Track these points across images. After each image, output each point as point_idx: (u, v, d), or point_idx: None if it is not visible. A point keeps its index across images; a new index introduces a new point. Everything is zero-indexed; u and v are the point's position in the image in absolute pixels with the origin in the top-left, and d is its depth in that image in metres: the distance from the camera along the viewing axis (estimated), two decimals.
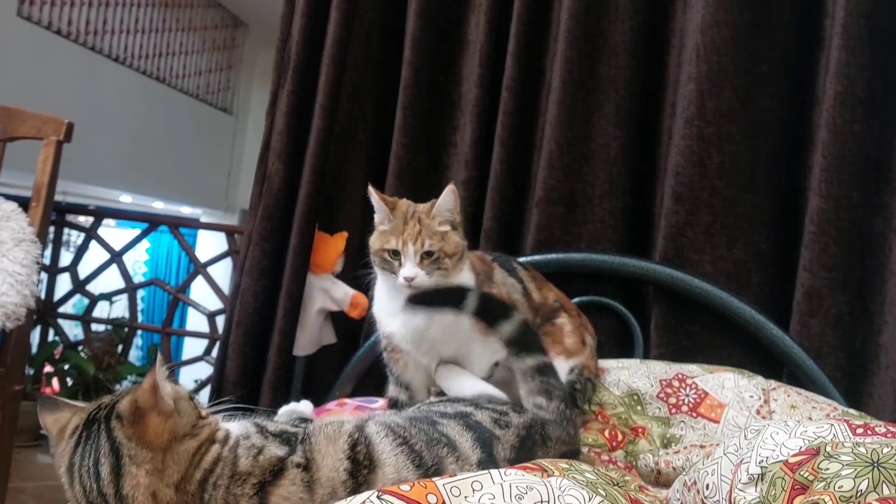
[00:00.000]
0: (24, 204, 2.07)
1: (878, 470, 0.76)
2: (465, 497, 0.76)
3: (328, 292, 2.39)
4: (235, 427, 0.99)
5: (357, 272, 1.66)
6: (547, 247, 2.18)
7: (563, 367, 1.52)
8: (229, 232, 3.64)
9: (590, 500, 0.79)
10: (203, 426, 0.95)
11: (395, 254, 1.39)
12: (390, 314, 1.48)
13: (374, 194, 1.44)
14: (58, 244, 3.83)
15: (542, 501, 0.76)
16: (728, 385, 1.63)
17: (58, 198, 3.91)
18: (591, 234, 2.20)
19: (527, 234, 2.25)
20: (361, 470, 0.91)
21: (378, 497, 0.73)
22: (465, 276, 1.46)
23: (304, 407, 1.32)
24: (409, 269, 1.36)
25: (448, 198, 1.41)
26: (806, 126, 2.05)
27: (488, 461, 0.96)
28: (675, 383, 1.68)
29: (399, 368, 1.53)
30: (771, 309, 2.01)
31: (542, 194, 2.19)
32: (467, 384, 1.37)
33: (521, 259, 2.12)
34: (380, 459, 0.93)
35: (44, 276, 3.62)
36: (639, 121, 2.22)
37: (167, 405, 0.91)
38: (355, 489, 0.86)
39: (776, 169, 2.08)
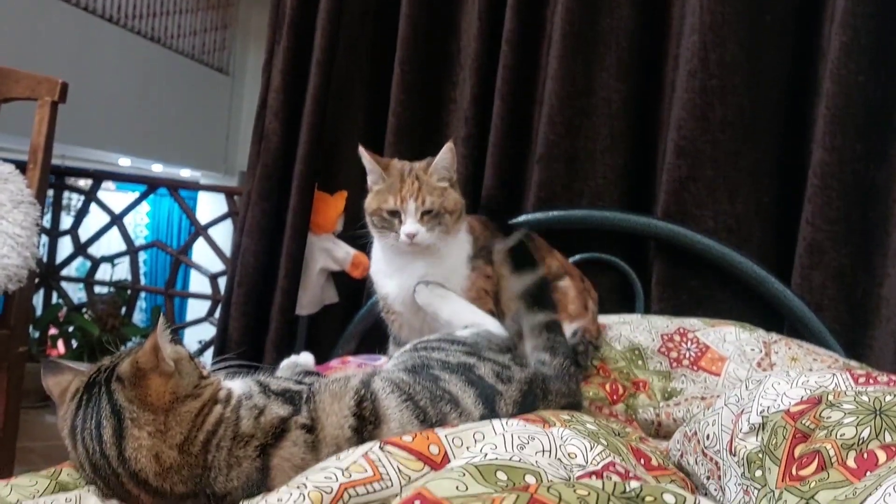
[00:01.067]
0: (21, 167, 2.05)
1: (881, 418, 0.77)
2: (468, 447, 0.76)
3: (329, 252, 2.39)
4: (238, 386, 0.99)
5: (355, 232, 1.66)
6: (548, 204, 2.17)
7: (566, 330, 1.52)
8: (229, 193, 3.64)
9: (591, 449, 0.80)
10: (205, 386, 0.95)
11: (394, 213, 1.38)
12: (387, 276, 1.48)
13: (365, 155, 1.43)
14: (58, 207, 3.83)
15: (543, 451, 0.77)
16: (729, 338, 1.63)
17: (56, 161, 3.90)
18: (592, 190, 2.19)
19: (528, 191, 2.24)
20: (367, 426, 0.91)
21: (381, 448, 0.73)
22: (462, 239, 1.46)
23: (305, 359, 1.32)
24: (411, 225, 1.36)
25: (446, 155, 1.40)
26: (810, 78, 2.03)
27: (490, 416, 0.97)
28: (677, 338, 1.69)
29: (395, 329, 1.54)
30: (772, 263, 2.01)
31: (544, 151, 2.17)
32: (463, 313, 1.37)
33: (522, 218, 2.13)
34: (385, 415, 0.93)
35: (45, 239, 3.62)
36: (641, 74, 2.19)
37: (168, 366, 0.91)
38: (360, 444, 0.87)
39: (780, 122, 2.06)
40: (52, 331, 3.71)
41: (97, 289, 3.76)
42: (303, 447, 0.89)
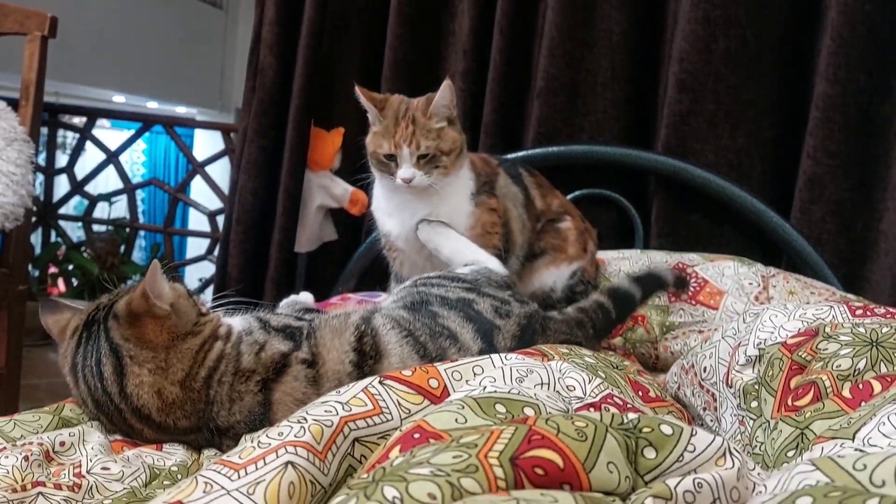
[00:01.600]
0: (14, 104, 2.03)
1: (877, 349, 0.77)
2: (467, 381, 0.77)
3: (327, 189, 2.38)
4: (238, 322, 1.00)
5: (356, 173, 1.64)
6: (548, 139, 2.15)
7: (565, 271, 1.55)
8: (225, 130, 3.60)
9: (589, 382, 0.80)
10: (205, 323, 0.96)
11: (391, 157, 1.37)
12: (387, 214, 1.48)
13: (360, 95, 1.40)
14: (52, 145, 3.79)
15: (542, 384, 0.77)
16: (728, 273, 1.63)
17: (50, 99, 3.85)
18: (592, 125, 2.17)
19: (528, 126, 2.22)
20: (367, 360, 0.92)
21: (381, 382, 0.74)
22: (464, 176, 1.45)
23: (305, 297, 1.33)
24: (406, 170, 1.35)
25: (445, 93, 1.38)
26: (815, 8, 1.98)
27: (489, 351, 0.97)
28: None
29: (397, 266, 1.54)
30: (772, 197, 2.00)
31: (543, 85, 2.14)
32: (464, 251, 1.37)
33: (522, 153, 2.11)
34: (385, 350, 0.94)
35: (40, 177, 3.60)
36: (643, 4, 2.14)
37: (161, 309, 0.91)
38: (360, 379, 0.87)
39: (783, 54, 2.02)
40: (52, 269, 3.72)
41: (95, 227, 3.76)
42: (304, 382, 0.90)
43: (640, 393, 0.89)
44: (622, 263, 1.75)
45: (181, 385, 0.90)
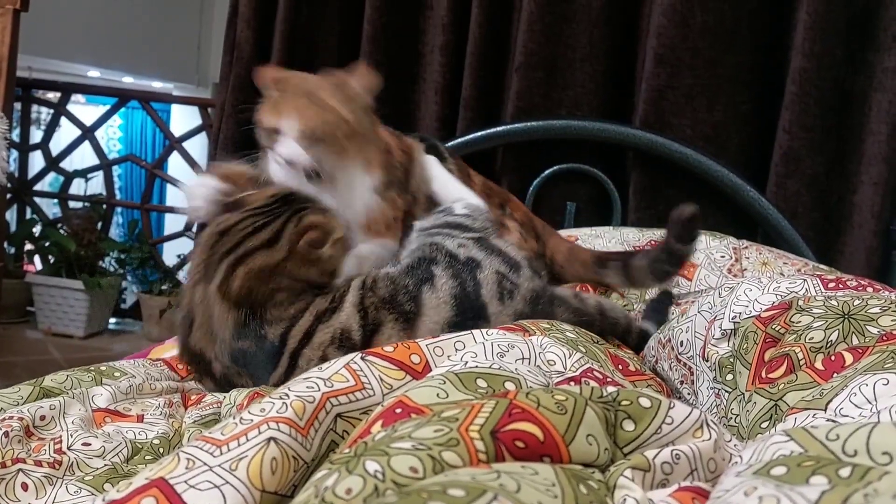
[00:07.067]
0: None
1: (849, 321, 0.79)
2: (448, 356, 0.78)
3: None
4: None
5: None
6: (527, 114, 2.15)
7: None
8: (202, 105, 3.56)
9: (570, 356, 0.81)
10: None
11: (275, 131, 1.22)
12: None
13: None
14: (26, 121, 3.73)
15: (523, 358, 0.78)
16: (700, 247, 1.65)
17: (23, 73, 3.78)
18: (571, 99, 2.17)
19: (506, 101, 2.21)
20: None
21: (362, 358, 0.74)
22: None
23: None
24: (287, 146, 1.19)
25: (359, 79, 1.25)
26: None
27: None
28: (648, 248, 1.70)
29: None
30: (749, 171, 2.02)
31: (522, 59, 2.14)
32: (451, 187, 1.33)
33: (501, 128, 2.11)
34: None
35: (15, 153, 3.55)
36: None
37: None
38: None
39: (760, 28, 2.03)
40: (28, 246, 3.68)
41: (72, 204, 3.72)
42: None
43: (621, 367, 0.91)
44: (595, 242, 1.76)
45: None
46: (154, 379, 1.06)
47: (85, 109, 5.60)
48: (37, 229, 3.65)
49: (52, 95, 3.79)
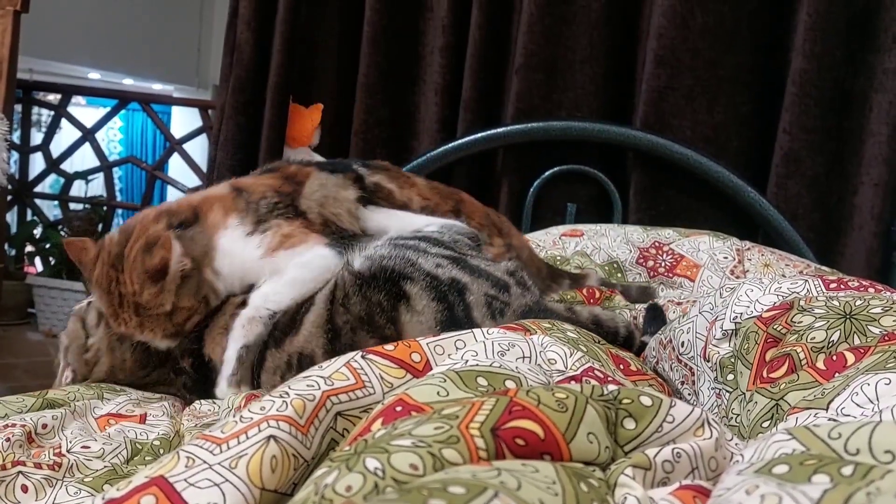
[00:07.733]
0: None
1: (850, 321, 0.78)
2: (449, 355, 0.77)
3: None
4: None
5: (335, 149, 1.63)
6: (527, 115, 2.15)
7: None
8: (202, 107, 3.56)
9: (571, 355, 0.81)
10: None
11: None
12: None
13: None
14: (27, 123, 3.73)
15: (524, 357, 0.78)
16: (703, 248, 1.65)
17: (24, 75, 3.78)
18: (571, 101, 2.17)
19: (507, 102, 2.21)
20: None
21: (363, 357, 0.74)
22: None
23: None
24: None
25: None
26: None
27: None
28: (653, 251, 1.71)
29: None
30: (749, 172, 2.02)
31: (522, 61, 2.14)
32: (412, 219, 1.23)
33: (502, 129, 2.11)
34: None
35: (15, 155, 3.55)
36: None
37: None
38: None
39: (760, 29, 2.03)
40: (29, 248, 3.68)
41: (72, 206, 3.72)
42: None
43: (622, 366, 0.90)
44: (601, 240, 1.76)
45: None
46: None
47: (85, 111, 5.59)
48: (37, 231, 3.65)
49: (53, 97, 3.80)
